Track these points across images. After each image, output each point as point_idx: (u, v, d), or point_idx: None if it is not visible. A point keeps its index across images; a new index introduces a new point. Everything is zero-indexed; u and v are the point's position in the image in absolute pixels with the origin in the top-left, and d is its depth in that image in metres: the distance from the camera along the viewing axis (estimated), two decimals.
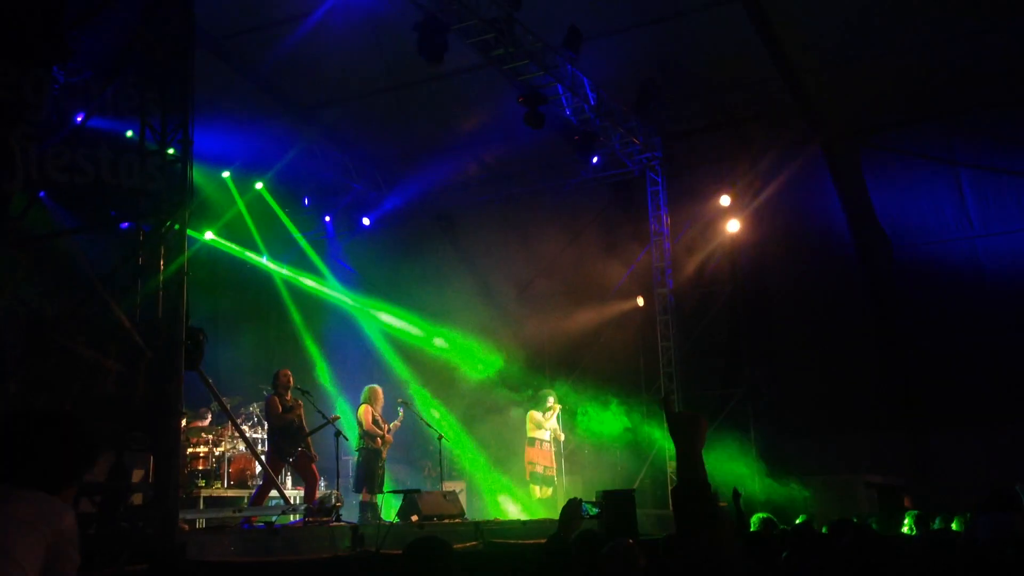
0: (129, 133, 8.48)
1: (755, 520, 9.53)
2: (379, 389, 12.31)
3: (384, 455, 11.94)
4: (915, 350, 17.64)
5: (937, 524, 9.12)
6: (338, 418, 11.69)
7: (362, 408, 11.95)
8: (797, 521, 8.95)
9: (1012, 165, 15.45)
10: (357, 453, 11.89)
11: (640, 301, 16.75)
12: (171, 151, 8.13)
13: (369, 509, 11.47)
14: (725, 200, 15.92)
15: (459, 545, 8.29)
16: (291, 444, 11.15)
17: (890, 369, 17.89)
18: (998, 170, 15.63)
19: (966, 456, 16.18)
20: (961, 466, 15.94)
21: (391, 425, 12.20)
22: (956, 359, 17.07)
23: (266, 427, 11.22)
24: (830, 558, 5.34)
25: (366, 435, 11.81)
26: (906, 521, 9.57)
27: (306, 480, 11.27)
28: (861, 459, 16.10)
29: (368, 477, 11.64)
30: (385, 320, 17.53)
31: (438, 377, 16.64)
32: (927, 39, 14.25)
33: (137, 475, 7.68)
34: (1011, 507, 8.58)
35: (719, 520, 2.64)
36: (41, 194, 7.75)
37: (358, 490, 11.71)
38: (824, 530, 8.45)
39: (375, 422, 11.87)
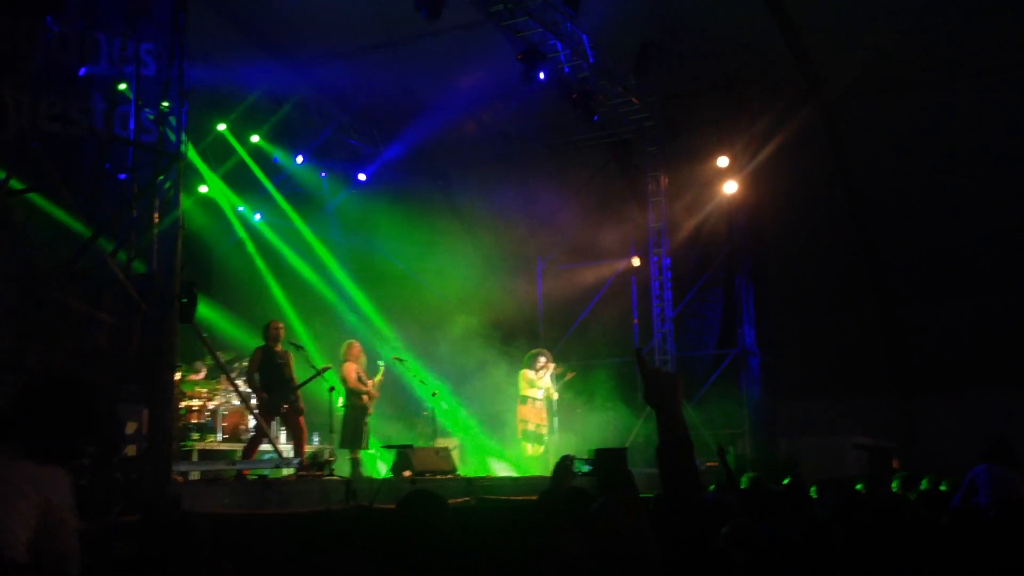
0: (122, 86, 8.40)
1: (745, 479, 9.62)
2: (357, 344, 12.23)
3: (371, 411, 11.89)
4: (908, 314, 17.76)
5: (924, 486, 9.19)
6: (329, 368, 11.63)
7: (345, 365, 11.84)
8: (784, 482, 9.03)
9: (1013, 129, 15.39)
10: (343, 410, 11.82)
11: (636, 261, 16.77)
12: (165, 103, 8.07)
13: (357, 466, 11.50)
14: (723, 161, 15.88)
15: (451, 501, 8.36)
16: (280, 398, 11.12)
17: (883, 332, 18.01)
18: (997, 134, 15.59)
19: (956, 419, 16.34)
20: (950, 429, 16.10)
21: (375, 380, 12.19)
22: (948, 323, 17.19)
23: (256, 380, 11.14)
24: (815, 521, 5.37)
25: (351, 393, 11.75)
26: (894, 483, 9.66)
27: (294, 434, 11.23)
28: (852, 421, 16.25)
29: (355, 435, 11.62)
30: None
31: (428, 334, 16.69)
32: (926, 2, 14.15)
33: (131, 427, 7.70)
34: (1011, 461, 7.84)
35: (698, 476, 2.62)
36: (33, 144, 7.70)
37: (345, 447, 11.68)
38: (813, 492, 8.54)
39: (359, 379, 11.84)
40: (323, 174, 17.76)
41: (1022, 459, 8.13)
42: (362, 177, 17.80)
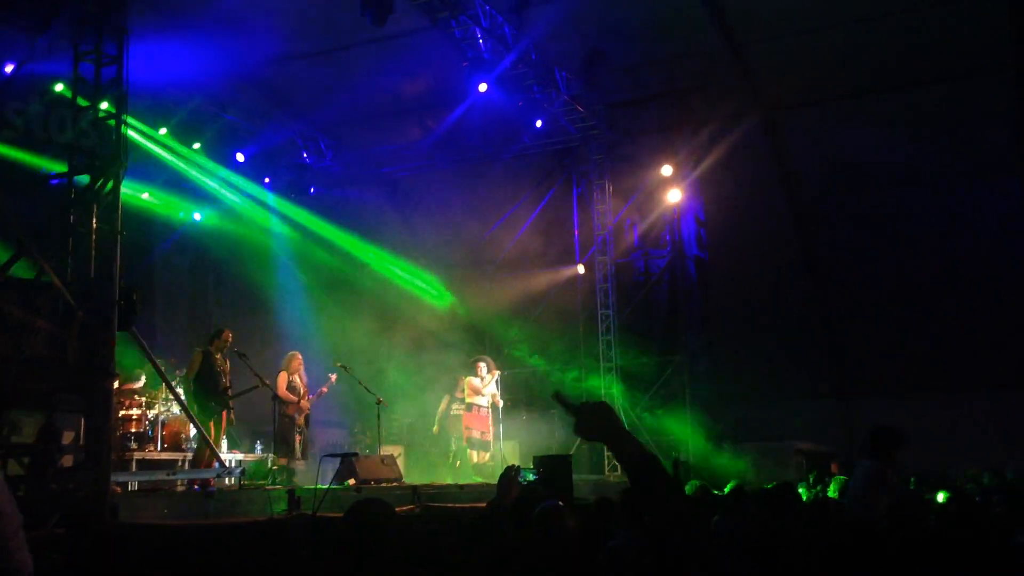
0: (60, 87, 8.24)
1: (690, 487, 9.72)
2: (298, 355, 12.19)
3: (300, 421, 11.80)
4: (847, 322, 18.09)
5: None
6: (259, 386, 11.58)
7: (279, 375, 11.86)
8: (727, 487, 9.13)
9: (951, 135, 15.76)
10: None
11: (581, 268, 16.85)
12: (104, 106, 7.92)
13: (285, 473, 11.42)
14: (667, 170, 16.03)
15: (397, 509, 8.30)
16: (218, 405, 11.04)
17: (823, 339, 18.32)
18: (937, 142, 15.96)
19: (896, 425, 16.64)
20: None
21: (321, 390, 12.16)
22: (887, 331, 17.54)
23: (192, 387, 11.00)
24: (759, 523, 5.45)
25: (279, 402, 11.75)
26: (832, 486, 9.84)
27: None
28: (793, 426, 16.48)
29: (281, 442, 11.59)
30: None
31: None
32: (865, 14, 14.45)
33: (68, 437, 7.55)
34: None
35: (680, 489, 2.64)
36: None
37: (277, 454, 11.64)
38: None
39: (290, 388, 11.79)
40: (266, 180, 17.58)
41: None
42: (311, 190, 17.67)
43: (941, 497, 8.21)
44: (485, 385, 13.73)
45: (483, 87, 13.49)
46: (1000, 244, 16.57)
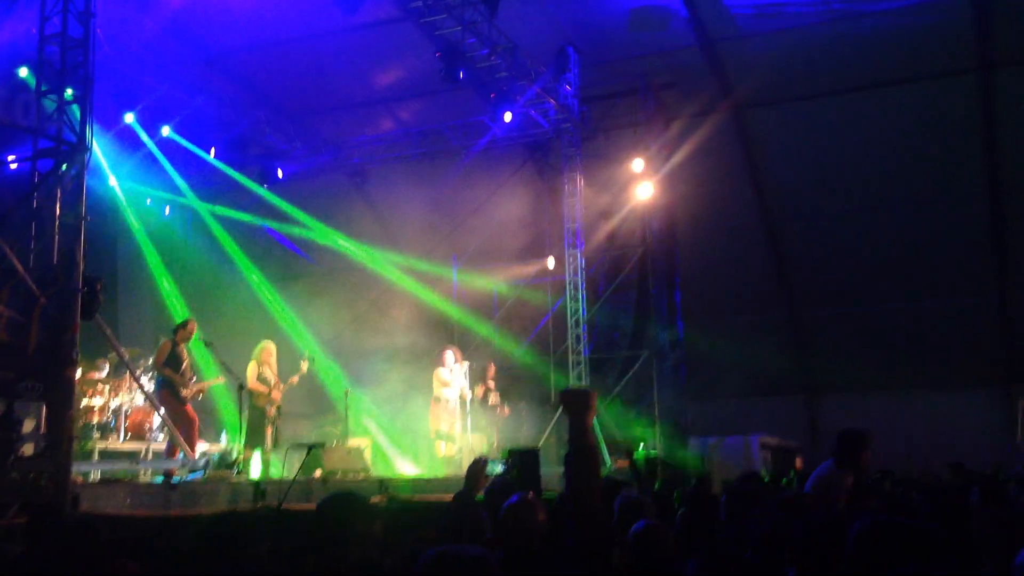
0: (24, 71, 8.10)
1: (658, 482, 9.80)
2: (270, 345, 12.05)
3: (271, 412, 11.68)
4: (814, 317, 18.25)
5: None
6: (234, 374, 11.46)
7: (249, 365, 11.75)
8: (695, 482, 9.20)
9: (919, 134, 15.94)
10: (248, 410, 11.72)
11: (551, 263, 16.84)
12: (70, 91, 7.79)
13: (263, 465, 11.33)
14: (638, 164, 16.06)
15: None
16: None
17: (789, 335, 18.48)
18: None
19: (858, 421, 16.80)
20: None
21: (292, 380, 12.04)
22: (853, 327, 17.72)
23: (160, 377, 10.91)
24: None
25: (249, 393, 11.63)
26: (796, 482, 9.91)
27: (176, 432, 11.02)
28: (758, 421, 16.62)
29: (251, 433, 11.47)
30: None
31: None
32: (837, 14, 14.56)
33: (29, 425, 7.42)
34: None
35: (599, 481, 2.82)
36: None
37: (247, 445, 11.55)
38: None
39: (261, 379, 11.67)
40: (235, 169, 17.40)
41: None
42: (280, 174, 17.49)
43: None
44: (454, 377, 13.68)
45: (460, 75, 13.40)
46: (968, 243, 16.80)
